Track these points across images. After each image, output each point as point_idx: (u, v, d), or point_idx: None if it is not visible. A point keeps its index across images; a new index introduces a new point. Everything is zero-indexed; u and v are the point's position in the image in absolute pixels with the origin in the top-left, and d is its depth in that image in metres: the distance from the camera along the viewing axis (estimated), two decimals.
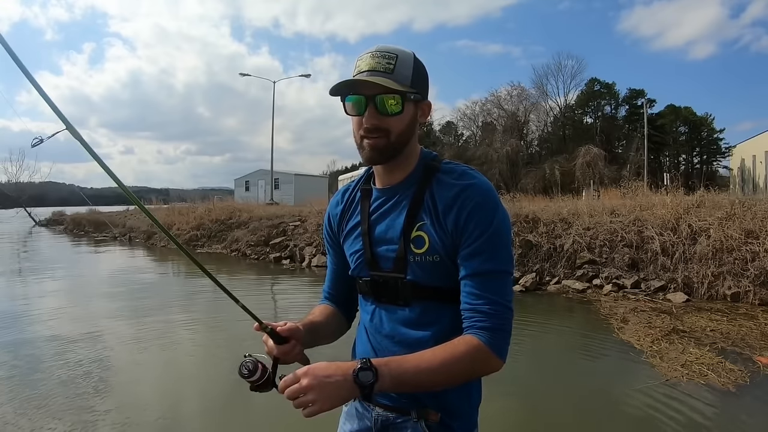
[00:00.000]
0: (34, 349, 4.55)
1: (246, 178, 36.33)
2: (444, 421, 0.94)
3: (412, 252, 0.93)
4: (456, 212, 0.90)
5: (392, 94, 0.88)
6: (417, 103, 0.95)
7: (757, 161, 23.69)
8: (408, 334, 0.95)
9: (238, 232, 13.50)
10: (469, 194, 0.90)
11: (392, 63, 0.89)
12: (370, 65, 0.89)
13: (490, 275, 0.88)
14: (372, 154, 0.92)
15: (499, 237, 0.89)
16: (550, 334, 5.47)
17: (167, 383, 3.81)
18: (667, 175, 11.70)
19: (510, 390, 3.54)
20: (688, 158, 45.15)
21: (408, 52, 0.93)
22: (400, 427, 0.97)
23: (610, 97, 42.87)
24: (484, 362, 0.86)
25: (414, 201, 0.94)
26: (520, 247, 7.78)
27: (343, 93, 0.92)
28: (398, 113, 0.90)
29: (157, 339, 4.89)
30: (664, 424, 2.93)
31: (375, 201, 1.00)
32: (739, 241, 6.37)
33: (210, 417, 3.15)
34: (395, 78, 0.88)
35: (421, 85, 0.94)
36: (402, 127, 0.92)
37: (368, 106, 0.89)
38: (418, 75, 0.93)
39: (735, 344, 4.31)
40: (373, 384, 0.80)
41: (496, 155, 38.47)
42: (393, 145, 0.92)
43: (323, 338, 1.08)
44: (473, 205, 0.89)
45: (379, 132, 0.90)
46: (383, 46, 0.92)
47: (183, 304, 6.93)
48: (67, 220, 26.07)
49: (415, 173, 0.97)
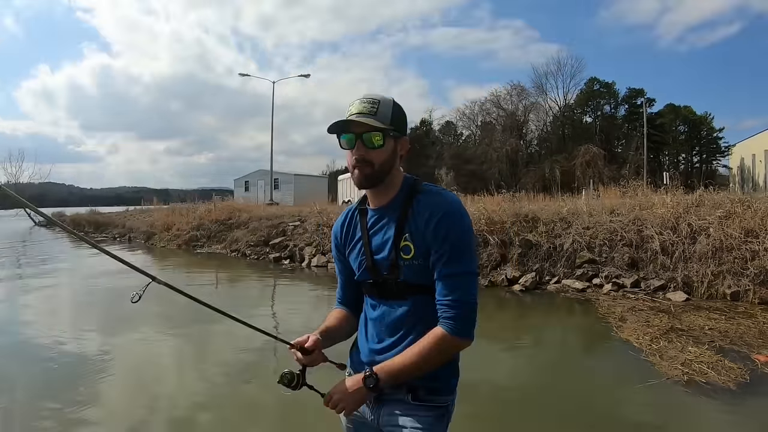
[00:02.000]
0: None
1: (246, 179, 36.31)
2: (426, 393, 1.18)
3: (402, 258, 1.16)
4: (428, 223, 1.13)
5: (375, 131, 1.12)
6: (396, 139, 1.18)
7: (757, 160, 23.70)
8: (405, 322, 1.20)
9: (238, 232, 13.51)
10: (438, 209, 1.13)
11: (375, 107, 1.13)
12: (358, 109, 1.13)
13: (455, 277, 1.12)
14: (361, 180, 1.17)
15: (462, 243, 1.12)
16: (550, 333, 5.48)
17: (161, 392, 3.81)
18: (667, 174, 11.69)
19: (509, 388, 3.55)
20: (688, 157, 45.17)
21: (388, 98, 1.17)
22: (392, 399, 1.19)
23: (609, 97, 42.88)
24: (451, 345, 1.13)
25: (400, 218, 1.17)
26: (520, 247, 7.79)
27: (337, 132, 1.16)
28: (380, 146, 1.14)
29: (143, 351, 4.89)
30: (665, 423, 2.94)
31: (370, 219, 1.24)
32: (738, 240, 6.37)
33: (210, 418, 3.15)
34: (378, 118, 1.12)
35: (399, 123, 1.17)
36: (384, 158, 1.15)
37: (357, 141, 1.13)
38: (396, 115, 1.16)
39: (733, 343, 4.31)
40: (377, 384, 1.12)
41: (495, 155, 38.48)
42: (377, 173, 1.16)
43: (339, 339, 1.33)
44: (441, 215, 1.12)
45: (365, 162, 1.14)
46: (369, 94, 1.16)
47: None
48: (67, 221, 26.06)
49: (400, 195, 1.20)
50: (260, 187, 32.63)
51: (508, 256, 7.78)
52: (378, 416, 1.22)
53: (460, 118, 45.17)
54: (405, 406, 1.18)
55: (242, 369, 4.02)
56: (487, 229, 8.05)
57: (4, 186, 0.97)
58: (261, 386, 3.64)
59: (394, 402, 1.20)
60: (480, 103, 43.10)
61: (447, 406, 1.21)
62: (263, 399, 3.44)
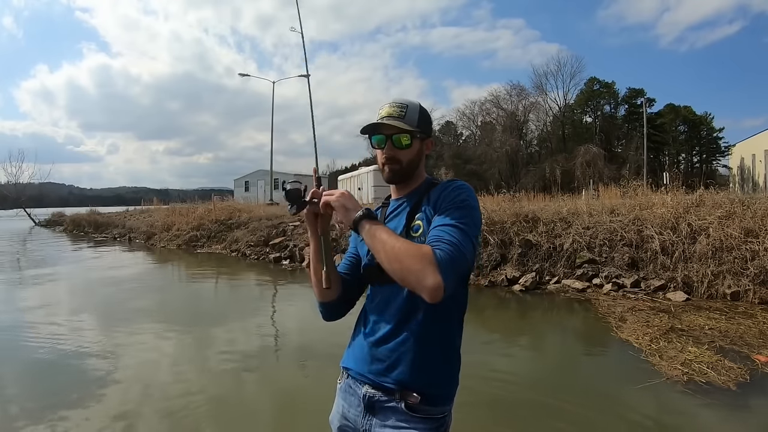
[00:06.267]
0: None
1: (246, 179, 36.31)
2: (422, 403, 1.14)
3: (411, 237, 1.18)
4: (436, 200, 1.18)
5: (403, 133, 1.21)
6: (423, 140, 1.27)
7: (757, 160, 23.71)
8: (405, 307, 1.17)
9: (238, 232, 13.50)
10: (446, 186, 1.20)
11: (404, 110, 1.22)
12: (388, 112, 1.22)
13: (449, 226, 1.09)
14: (390, 176, 1.26)
15: (462, 209, 1.13)
16: (549, 333, 5.48)
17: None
18: (667, 174, 11.67)
19: (508, 388, 3.55)
20: (688, 157, 45.19)
21: (415, 102, 1.26)
22: (384, 406, 1.17)
23: (609, 97, 42.88)
24: (425, 261, 1.01)
25: (415, 204, 1.24)
26: (520, 247, 7.79)
27: (369, 133, 1.25)
28: (408, 146, 1.23)
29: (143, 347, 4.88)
30: (665, 423, 2.94)
31: (390, 208, 1.32)
32: (738, 240, 6.37)
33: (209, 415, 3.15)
34: (405, 121, 1.21)
35: (425, 126, 1.26)
36: (411, 157, 1.25)
37: (387, 142, 1.23)
38: (422, 119, 1.25)
39: (733, 342, 4.31)
40: (362, 218, 1.10)
41: (495, 155, 38.47)
42: (404, 170, 1.25)
43: (328, 271, 1.23)
44: (448, 190, 1.18)
45: (394, 161, 1.24)
46: (398, 98, 1.26)
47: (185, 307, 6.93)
48: (67, 221, 26.06)
49: (420, 188, 1.28)
50: (260, 187, 32.63)
51: (508, 256, 7.78)
52: (370, 427, 1.19)
53: (460, 118, 45.21)
54: (399, 416, 1.15)
55: (243, 368, 4.03)
56: (487, 229, 8.05)
57: (5, 186, 0.97)
58: (261, 386, 3.65)
59: (386, 411, 1.17)
60: (480, 103, 43.13)
61: (444, 417, 1.19)
62: (261, 398, 3.44)
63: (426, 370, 1.16)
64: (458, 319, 1.23)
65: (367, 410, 1.19)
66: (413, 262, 1.01)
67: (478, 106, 43.24)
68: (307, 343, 4.76)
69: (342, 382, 1.30)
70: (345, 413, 1.26)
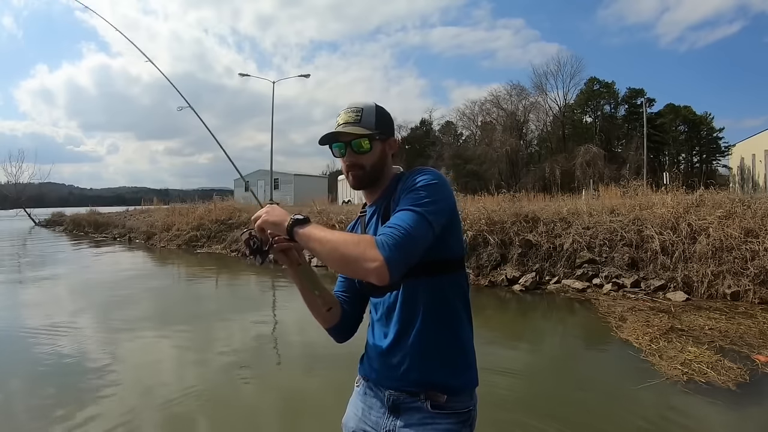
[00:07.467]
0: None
1: (246, 178, 36.23)
2: (448, 400, 1.14)
3: None
4: (400, 192, 1.14)
5: (362, 137, 1.18)
6: (384, 141, 1.23)
7: (757, 160, 23.71)
8: (404, 311, 1.16)
9: (238, 232, 13.50)
10: (408, 176, 1.16)
11: (359, 114, 1.19)
12: (344, 119, 1.19)
13: (397, 214, 1.07)
14: (355, 182, 1.23)
15: (414, 191, 1.09)
16: (549, 333, 5.48)
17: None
18: (667, 174, 11.67)
19: (508, 388, 3.54)
20: (688, 157, 45.17)
21: (371, 104, 1.22)
22: (409, 407, 1.16)
23: (609, 97, 42.86)
24: (363, 244, 1.00)
25: (387, 205, 1.20)
26: (520, 247, 7.79)
27: (329, 142, 1.22)
28: (368, 151, 1.19)
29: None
30: (665, 423, 2.94)
31: (368, 216, 1.29)
32: (738, 239, 6.37)
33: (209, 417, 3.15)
34: (363, 125, 1.18)
35: (384, 126, 1.22)
36: (374, 161, 1.21)
37: (347, 149, 1.20)
38: (380, 119, 1.21)
39: (733, 342, 4.31)
40: (293, 226, 1.08)
41: (495, 155, 38.48)
42: (369, 174, 1.22)
43: (323, 294, 1.23)
44: (406, 180, 1.15)
45: (357, 167, 1.21)
46: (353, 102, 1.22)
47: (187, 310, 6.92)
48: (67, 221, 26.05)
49: (389, 187, 1.24)
50: (260, 187, 32.60)
51: (508, 256, 7.78)
52: (394, 427, 1.17)
53: (460, 118, 45.23)
54: (424, 414, 1.14)
55: (243, 369, 4.03)
56: (487, 229, 8.05)
57: (5, 186, 0.97)
58: (261, 386, 3.65)
59: (411, 411, 1.15)
60: (480, 103, 43.14)
61: (469, 412, 1.16)
62: (262, 399, 3.44)
63: (441, 364, 1.15)
64: (463, 303, 1.20)
65: (391, 412, 1.18)
66: (351, 249, 1.00)
67: (478, 106, 43.31)
68: (307, 343, 4.76)
69: (360, 386, 1.29)
70: (364, 416, 1.24)
